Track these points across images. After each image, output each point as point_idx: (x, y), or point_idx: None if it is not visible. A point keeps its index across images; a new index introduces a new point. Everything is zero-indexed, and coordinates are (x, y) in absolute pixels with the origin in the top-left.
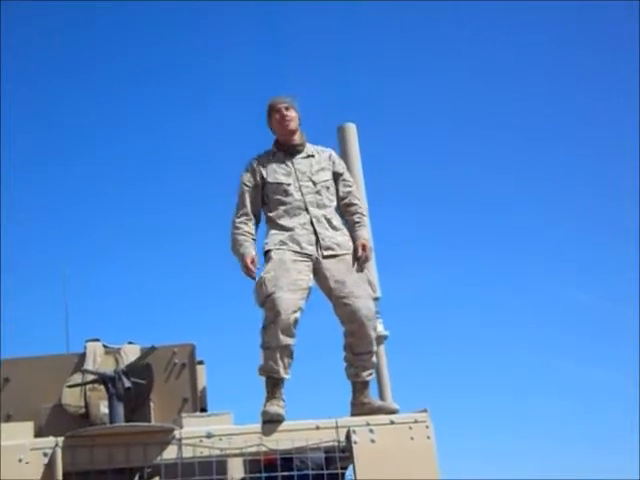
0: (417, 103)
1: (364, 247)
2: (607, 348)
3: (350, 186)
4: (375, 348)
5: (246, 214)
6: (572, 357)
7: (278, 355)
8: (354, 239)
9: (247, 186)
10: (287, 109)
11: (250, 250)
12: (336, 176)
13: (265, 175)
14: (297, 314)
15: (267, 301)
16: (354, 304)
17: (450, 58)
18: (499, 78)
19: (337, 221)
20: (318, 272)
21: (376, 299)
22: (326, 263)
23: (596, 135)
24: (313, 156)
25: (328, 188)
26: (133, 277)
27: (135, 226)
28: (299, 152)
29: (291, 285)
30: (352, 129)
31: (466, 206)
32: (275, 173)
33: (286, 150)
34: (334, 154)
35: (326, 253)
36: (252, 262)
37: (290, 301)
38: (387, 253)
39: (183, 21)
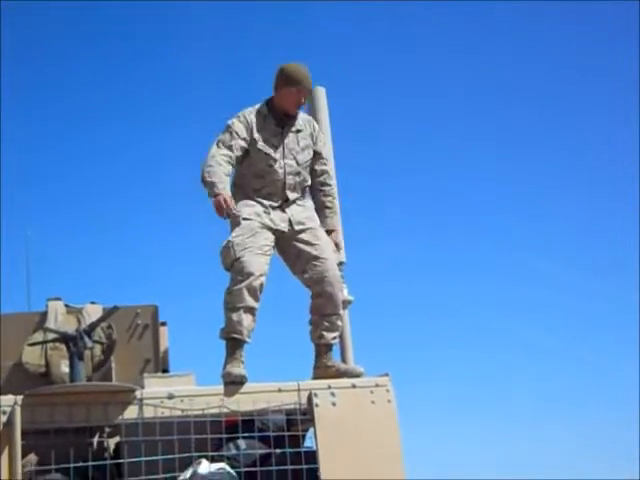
0: (388, 69)
1: (336, 245)
2: (572, 317)
3: (326, 165)
4: (342, 311)
5: (229, 155)
6: (536, 323)
7: (243, 316)
8: (324, 226)
9: (238, 135)
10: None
11: (227, 191)
12: (315, 153)
13: (257, 138)
14: (263, 278)
15: (235, 264)
16: (323, 264)
17: (422, 27)
18: (472, 50)
19: (307, 202)
20: (284, 244)
21: (341, 264)
22: (295, 235)
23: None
24: (300, 131)
25: (307, 167)
26: (96, 237)
27: (98, 186)
28: (290, 124)
29: (258, 249)
30: (322, 93)
31: (434, 172)
32: (267, 142)
33: (279, 118)
34: (317, 128)
35: (297, 228)
36: (228, 202)
37: (258, 264)
38: (353, 218)
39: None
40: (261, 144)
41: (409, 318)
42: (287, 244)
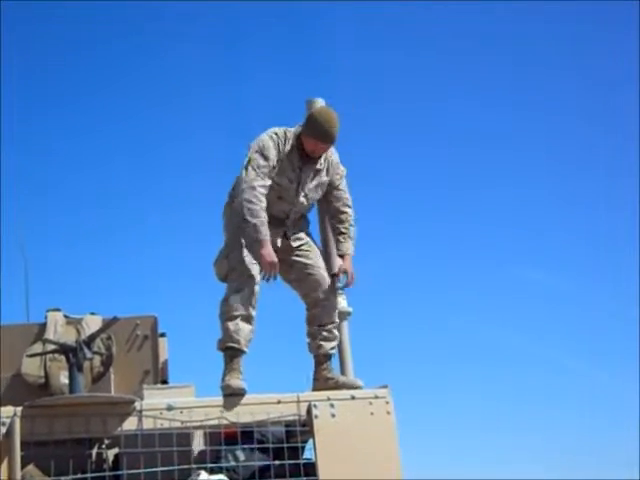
0: (386, 79)
1: (345, 272)
2: (562, 325)
3: (344, 194)
4: (337, 320)
5: (265, 186)
6: (536, 335)
7: (240, 325)
8: (337, 250)
9: (270, 163)
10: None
11: (269, 238)
12: (331, 186)
13: (278, 167)
14: (257, 287)
15: (231, 274)
16: (318, 274)
17: (419, 34)
18: (473, 51)
19: (303, 222)
20: (279, 255)
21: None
22: (289, 250)
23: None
24: (319, 170)
25: (315, 201)
26: (95, 247)
27: (98, 196)
28: (311, 164)
29: (253, 260)
30: (320, 104)
31: (432, 182)
32: (285, 175)
33: (302, 154)
34: (334, 161)
35: (295, 244)
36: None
37: (253, 275)
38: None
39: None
40: (278, 176)
41: (408, 330)
42: (281, 256)
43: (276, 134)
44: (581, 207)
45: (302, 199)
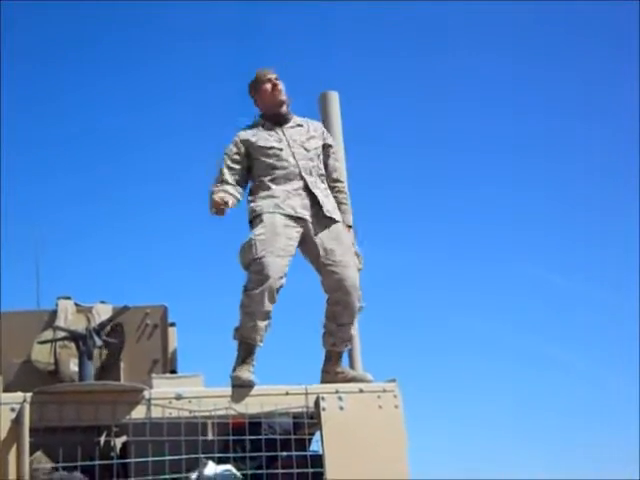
0: (399, 73)
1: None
2: (579, 329)
3: (338, 161)
4: (356, 319)
5: (223, 181)
6: (542, 335)
7: (259, 321)
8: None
9: (228, 155)
10: (277, 79)
11: (226, 191)
12: (325, 147)
13: (254, 140)
14: (283, 280)
15: (255, 264)
16: (342, 272)
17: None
18: (479, 53)
19: (328, 189)
20: (307, 238)
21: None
22: (318, 229)
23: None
24: (302, 125)
25: (319, 156)
26: (107, 236)
27: (110, 185)
28: (287, 121)
29: (281, 250)
30: (334, 97)
31: (444, 178)
32: (266, 139)
33: (275, 121)
34: (321, 130)
35: (327, 214)
36: (223, 202)
37: (279, 266)
38: (364, 225)
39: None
40: (262, 142)
41: (418, 324)
42: (309, 235)
43: (235, 135)
44: (579, 208)
45: (299, 149)
